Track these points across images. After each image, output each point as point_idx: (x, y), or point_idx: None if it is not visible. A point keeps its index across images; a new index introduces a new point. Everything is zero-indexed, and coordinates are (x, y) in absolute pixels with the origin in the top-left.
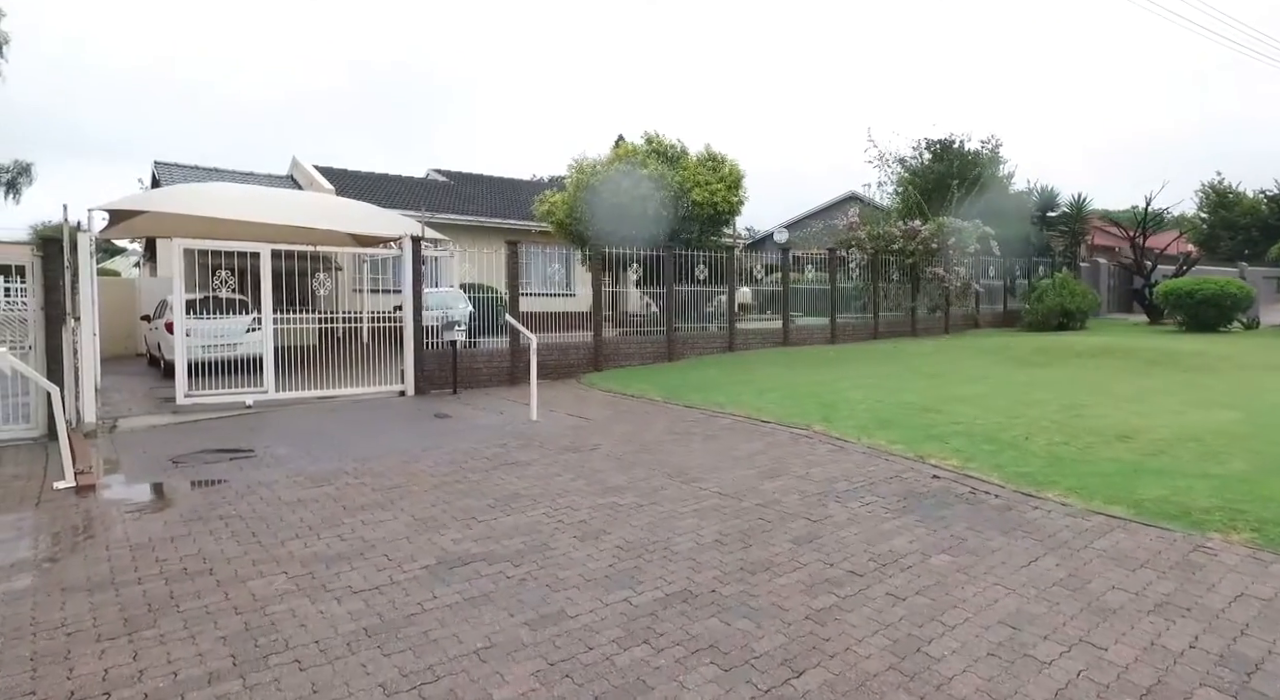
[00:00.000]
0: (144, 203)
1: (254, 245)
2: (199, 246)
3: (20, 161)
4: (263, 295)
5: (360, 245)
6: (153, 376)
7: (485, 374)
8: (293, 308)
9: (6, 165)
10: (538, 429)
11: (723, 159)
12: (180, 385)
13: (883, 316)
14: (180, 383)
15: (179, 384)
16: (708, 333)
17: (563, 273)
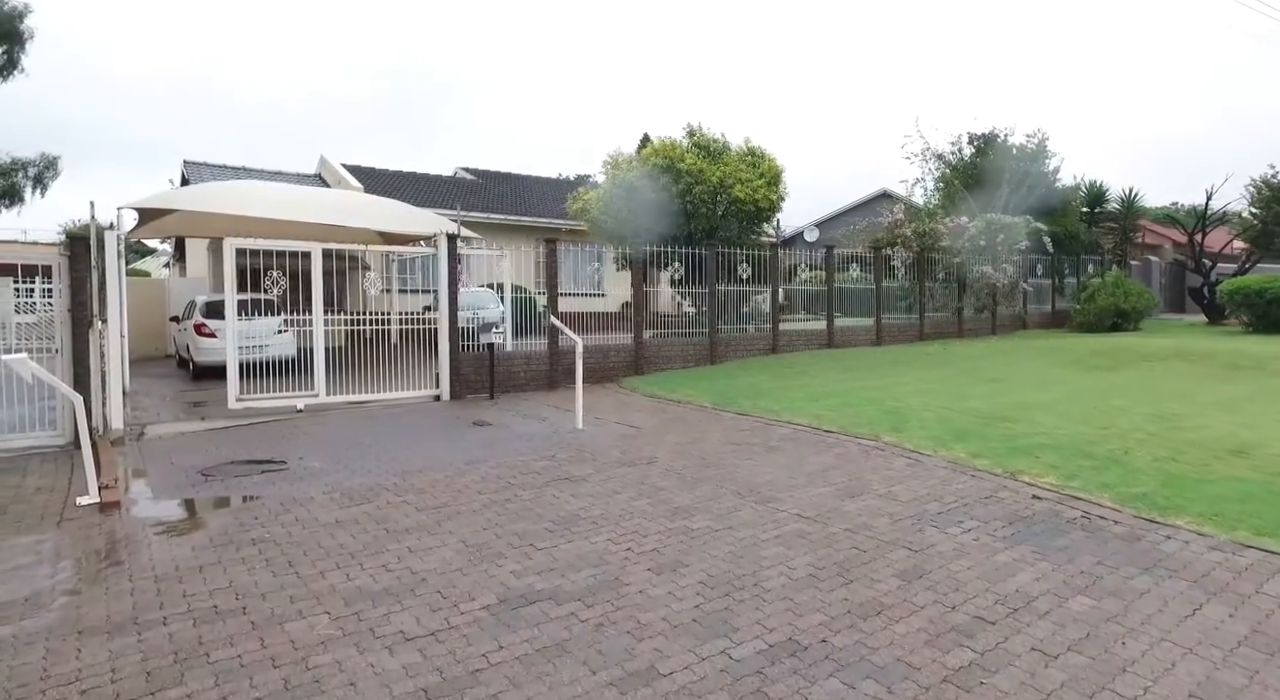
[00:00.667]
0: (173, 201)
1: (305, 244)
2: (250, 246)
3: (47, 155)
4: (314, 296)
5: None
6: (182, 379)
7: (523, 378)
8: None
9: (33, 159)
10: (586, 439)
11: (762, 154)
12: (232, 388)
13: (928, 317)
14: (232, 386)
15: (230, 387)
16: (749, 334)
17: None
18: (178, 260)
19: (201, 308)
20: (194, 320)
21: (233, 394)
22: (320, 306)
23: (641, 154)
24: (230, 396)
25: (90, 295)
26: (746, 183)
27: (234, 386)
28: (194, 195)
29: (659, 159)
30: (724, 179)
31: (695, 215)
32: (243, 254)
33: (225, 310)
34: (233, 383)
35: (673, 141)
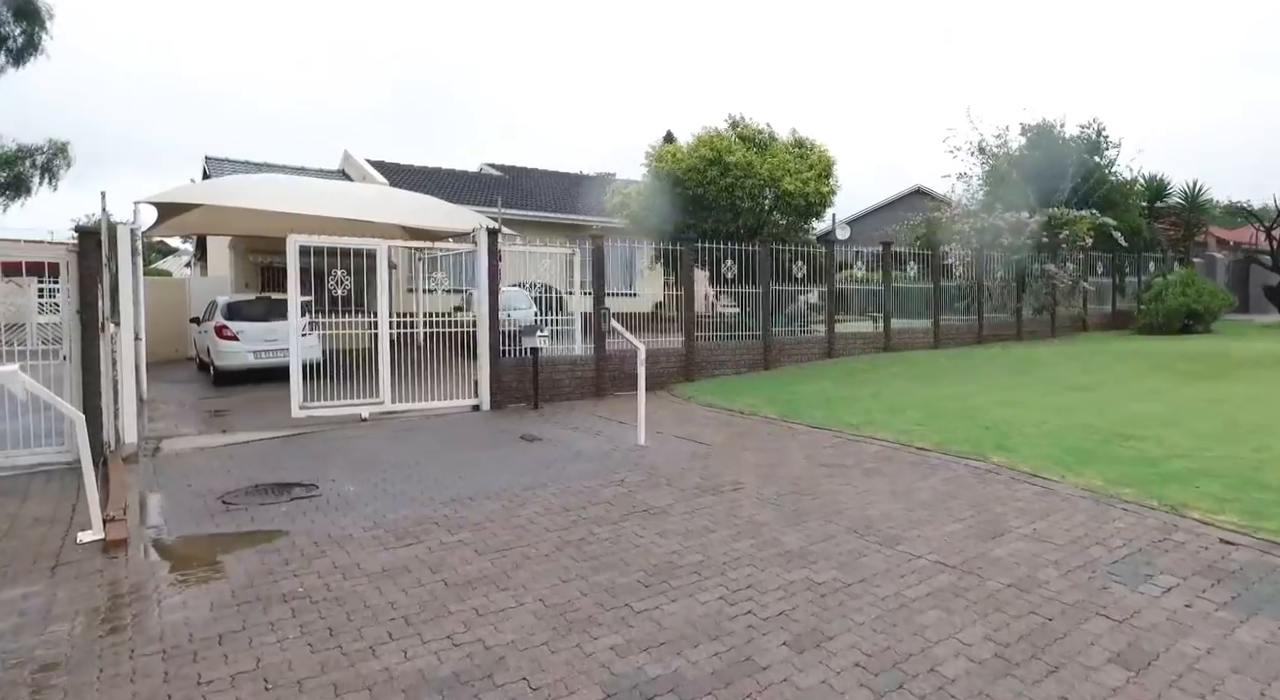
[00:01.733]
0: (193, 195)
1: (370, 242)
2: (315, 243)
3: (55, 141)
4: (379, 296)
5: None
6: (202, 383)
7: (567, 385)
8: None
9: (40, 146)
10: (653, 458)
11: (811, 145)
12: (295, 396)
13: (985, 318)
14: (295, 393)
15: (294, 394)
16: (803, 337)
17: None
18: (199, 260)
19: (223, 309)
20: (215, 322)
21: (296, 401)
22: (387, 307)
23: (686, 146)
24: (293, 404)
25: (101, 296)
26: (796, 175)
27: (297, 393)
28: (215, 190)
29: (706, 151)
30: (773, 171)
31: (742, 211)
32: (262, 253)
33: (289, 308)
34: (296, 389)
35: (718, 132)
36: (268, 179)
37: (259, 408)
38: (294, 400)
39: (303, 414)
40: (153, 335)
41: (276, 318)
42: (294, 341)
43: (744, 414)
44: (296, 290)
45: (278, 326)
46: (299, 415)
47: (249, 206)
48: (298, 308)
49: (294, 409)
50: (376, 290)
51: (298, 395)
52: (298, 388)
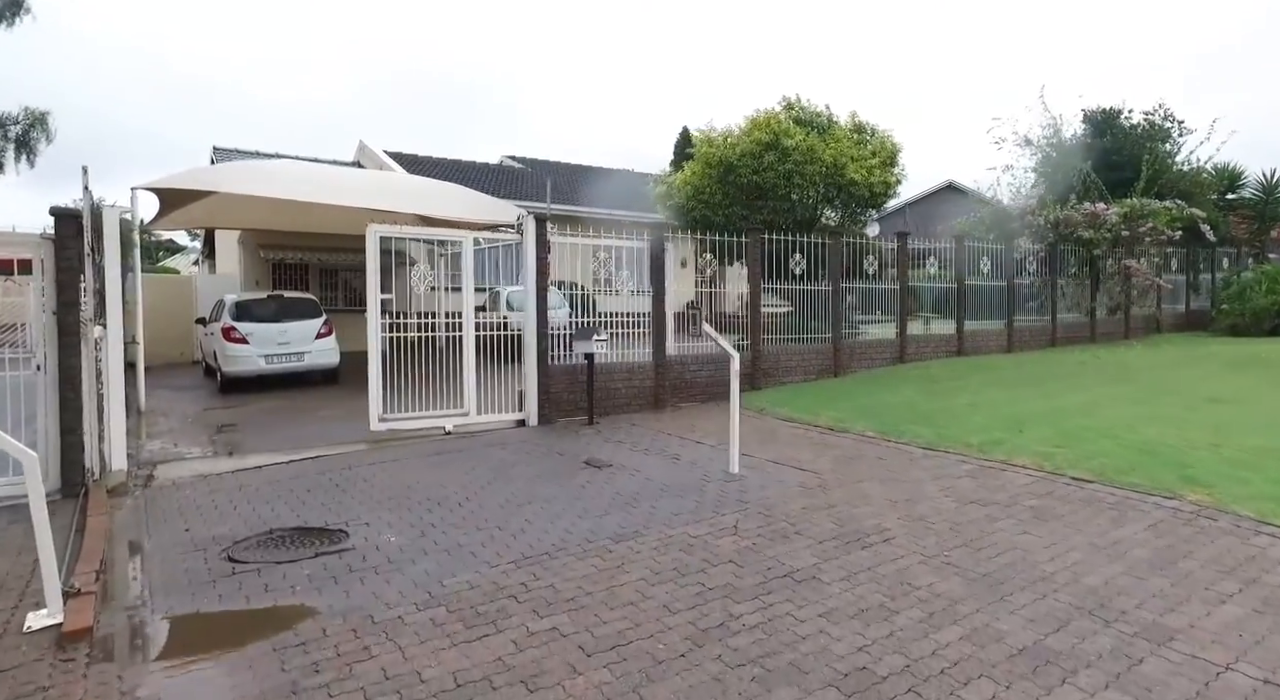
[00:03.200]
0: (197, 180)
1: (455, 233)
2: (396, 233)
3: (32, 110)
4: (465, 295)
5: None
6: (209, 391)
7: (623, 396)
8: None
9: (12, 115)
10: (756, 492)
11: (872, 130)
12: (375, 407)
13: (1058, 319)
14: (375, 404)
15: (373, 404)
16: (873, 341)
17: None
18: (207, 256)
19: (231, 309)
20: (222, 323)
21: (375, 413)
22: (471, 309)
23: (739, 129)
24: (372, 416)
25: (84, 294)
26: (860, 162)
27: (376, 403)
28: (223, 175)
29: (762, 134)
30: (836, 158)
31: (798, 202)
32: (268, 247)
33: (368, 307)
34: (375, 399)
35: (774, 114)
36: (281, 165)
37: (272, 422)
38: (373, 411)
39: (382, 427)
40: (156, 337)
41: (290, 318)
42: (373, 342)
43: (835, 431)
44: (377, 285)
45: (291, 328)
46: (378, 428)
47: (261, 194)
48: (378, 305)
49: (373, 421)
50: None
51: (377, 405)
52: (377, 396)
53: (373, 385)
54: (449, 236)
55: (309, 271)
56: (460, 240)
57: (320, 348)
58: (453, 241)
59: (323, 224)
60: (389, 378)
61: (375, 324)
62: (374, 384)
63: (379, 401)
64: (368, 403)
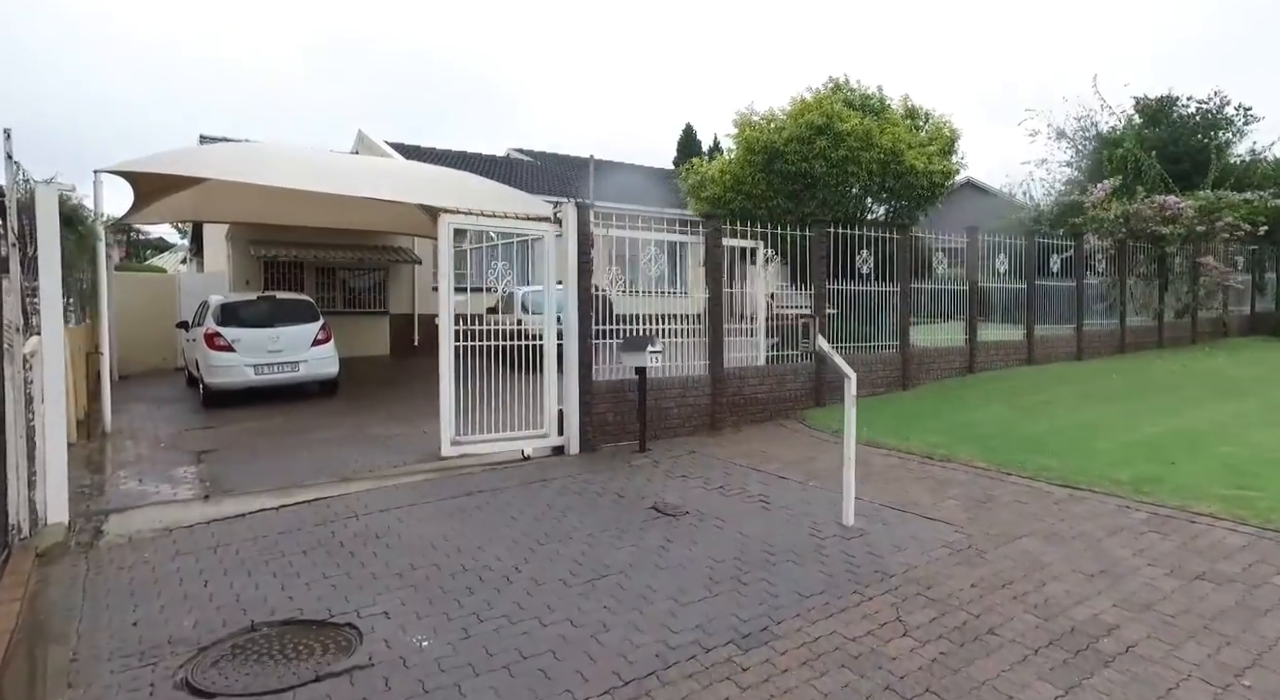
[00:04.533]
0: (176, 164)
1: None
2: (471, 225)
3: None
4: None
5: None
6: (190, 405)
7: (675, 417)
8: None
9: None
10: (891, 555)
11: (926, 115)
12: (447, 428)
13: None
14: (447, 425)
15: (445, 427)
16: (939, 349)
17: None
18: (195, 254)
19: (215, 312)
20: (205, 328)
21: (447, 436)
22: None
23: (786, 111)
24: (443, 440)
25: (3, 294)
26: (920, 149)
27: (449, 425)
28: (208, 159)
29: (814, 116)
30: (894, 144)
31: (854, 193)
32: (266, 244)
33: (440, 312)
34: (448, 419)
35: (825, 95)
36: (276, 149)
37: (261, 446)
38: (445, 432)
39: (455, 451)
40: (134, 342)
41: (283, 322)
42: (446, 350)
43: (935, 460)
44: (451, 283)
45: (284, 334)
46: (450, 453)
47: (253, 182)
48: (451, 307)
49: (444, 445)
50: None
51: (449, 426)
52: (450, 414)
53: (445, 402)
54: (528, 229)
55: (304, 270)
56: (543, 233)
57: (317, 356)
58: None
59: (321, 217)
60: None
61: (448, 328)
62: (446, 401)
63: (451, 421)
64: (375, 419)
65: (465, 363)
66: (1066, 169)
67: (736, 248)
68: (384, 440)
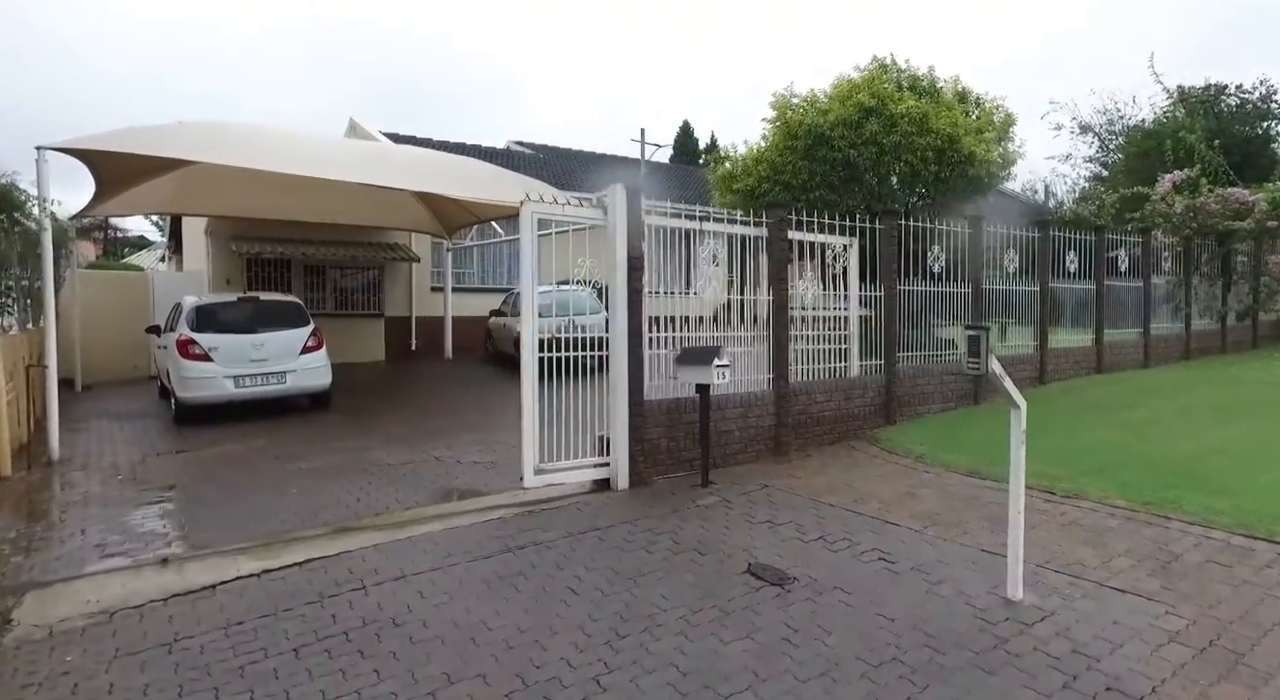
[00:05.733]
0: (140, 142)
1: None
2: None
3: None
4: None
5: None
6: (161, 422)
7: (736, 440)
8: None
9: None
10: (1106, 658)
11: (977, 99)
12: (529, 455)
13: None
14: (530, 451)
15: (526, 452)
16: (1004, 358)
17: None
18: (174, 251)
19: (190, 315)
20: (178, 334)
21: (530, 464)
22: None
23: (831, 92)
24: (526, 468)
25: None
26: (979, 135)
27: (532, 450)
28: (178, 138)
29: (864, 96)
30: (953, 129)
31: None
32: (250, 240)
33: (521, 314)
34: (530, 443)
35: (876, 72)
36: (257, 129)
37: (241, 479)
38: (527, 460)
39: (539, 481)
40: (101, 346)
41: (268, 326)
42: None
43: (1060, 495)
44: (535, 279)
45: (270, 340)
46: (534, 483)
47: (235, 165)
48: (534, 306)
49: (526, 474)
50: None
51: (533, 452)
52: (533, 438)
53: (527, 424)
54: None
55: (291, 269)
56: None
57: (307, 365)
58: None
59: (310, 210)
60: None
61: (532, 335)
62: (529, 422)
63: (534, 447)
64: (376, 441)
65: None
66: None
67: (810, 243)
68: (388, 471)
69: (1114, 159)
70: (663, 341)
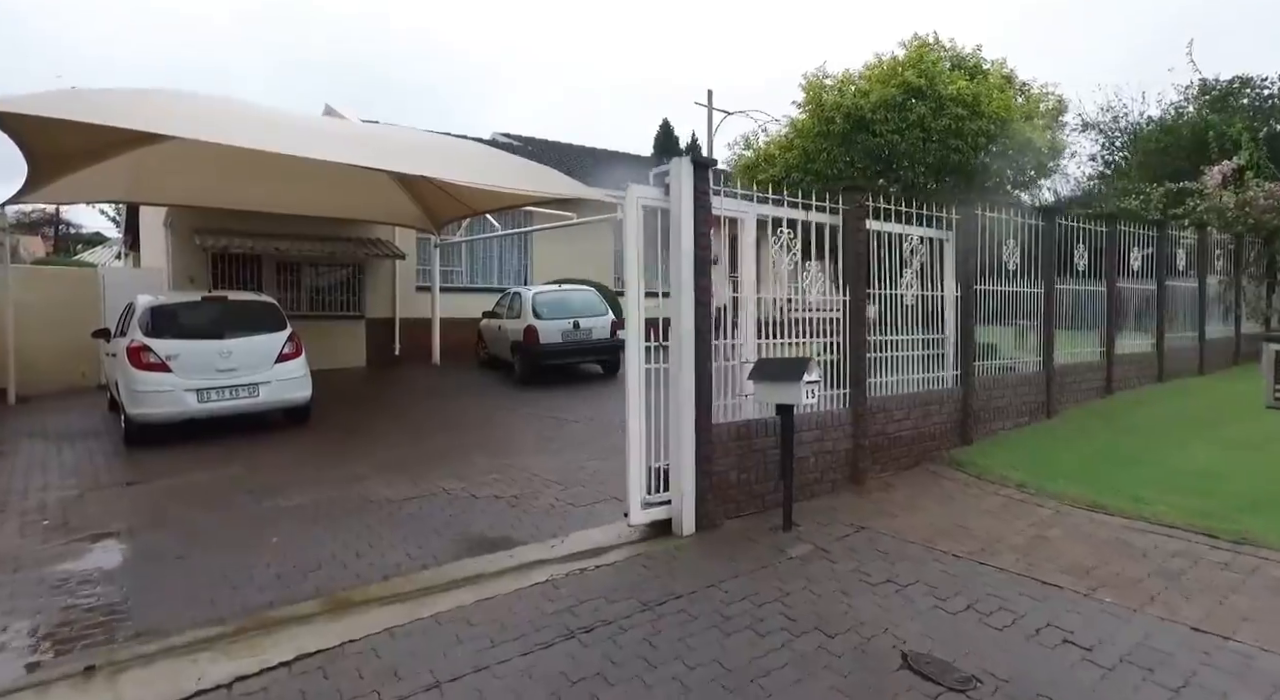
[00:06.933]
0: (71, 109)
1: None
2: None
3: None
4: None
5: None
6: (109, 441)
7: (811, 467)
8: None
9: None
10: None
11: (1022, 84)
12: (636, 486)
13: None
14: (636, 481)
15: (632, 486)
16: (1071, 366)
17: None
18: (131, 247)
19: (144, 318)
20: (129, 340)
21: (636, 496)
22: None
23: (868, 71)
24: (632, 501)
25: None
26: (1031, 121)
27: (639, 481)
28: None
29: (911, 75)
30: (1005, 113)
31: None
32: (218, 232)
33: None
34: (637, 470)
35: (922, 47)
36: (229, 102)
37: (204, 524)
38: (633, 495)
39: (645, 518)
40: (43, 352)
41: (238, 331)
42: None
43: (1226, 540)
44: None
45: (240, 347)
46: (640, 520)
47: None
48: (640, 314)
49: (633, 509)
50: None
51: (639, 484)
52: (639, 470)
53: (634, 456)
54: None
55: (262, 265)
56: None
57: (284, 376)
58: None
59: (284, 200)
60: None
61: (637, 342)
62: (635, 445)
63: (640, 479)
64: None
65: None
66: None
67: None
68: (390, 510)
69: (1118, 157)
70: (727, 350)
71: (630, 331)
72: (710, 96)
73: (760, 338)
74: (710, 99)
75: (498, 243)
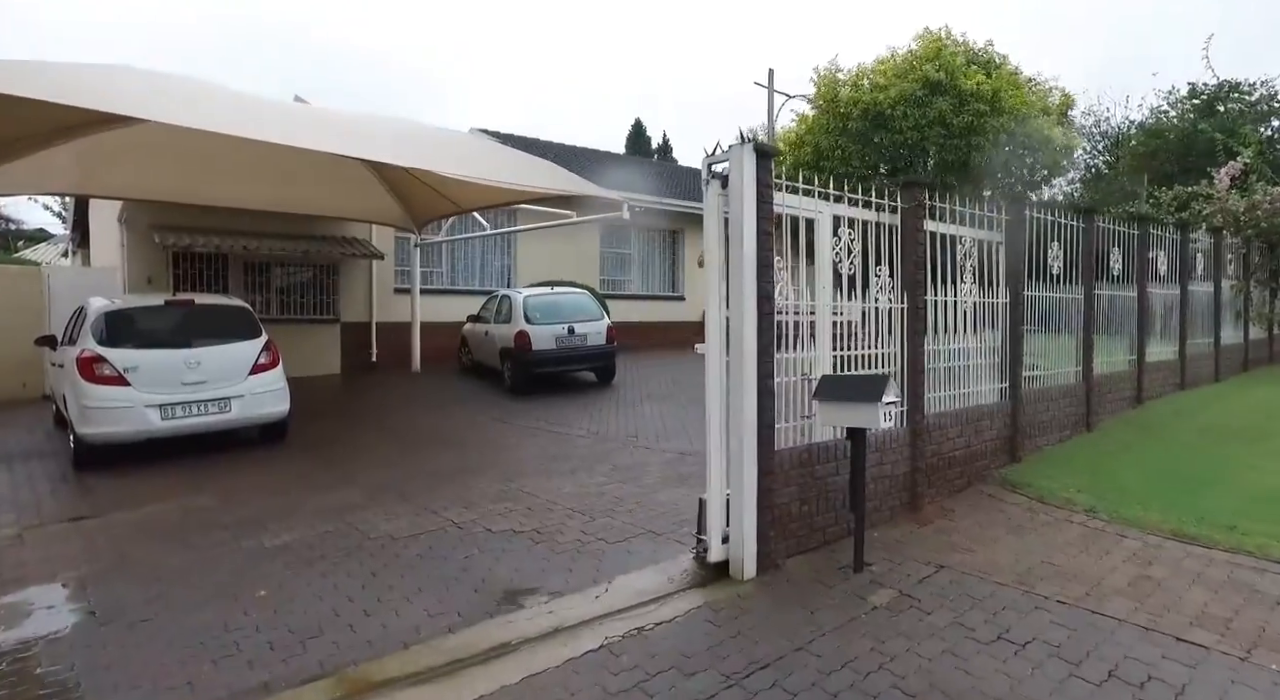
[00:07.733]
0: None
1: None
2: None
3: None
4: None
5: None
6: (55, 464)
7: (870, 494)
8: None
9: None
10: None
11: (1028, 79)
12: (716, 521)
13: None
14: (717, 515)
15: (713, 520)
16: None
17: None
18: (80, 244)
19: (97, 324)
20: (80, 349)
21: (716, 533)
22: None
23: (884, 66)
24: (712, 539)
25: None
26: (1045, 117)
27: (719, 518)
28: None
29: (930, 69)
30: (1024, 109)
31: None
32: (181, 230)
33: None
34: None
35: (938, 40)
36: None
37: (170, 567)
38: (713, 530)
39: (722, 555)
40: None
41: (207, 339)
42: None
43: None
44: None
45: (209, 356)
46: (719, 557)
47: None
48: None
49: (713, 547)
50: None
51: (719, 519)
52: (719, 503)
53: (714, 475)
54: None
55: (228, 265)
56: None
57: (259, 389)
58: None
59: (253, 195)
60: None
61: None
62: (716, 473)
63: (722, 509)
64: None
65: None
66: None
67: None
68: (395, 550)
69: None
70: (787, 366)
71: (711, 348)
72: (771, 76)
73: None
74: (771, 79)
75: (480, 243)
